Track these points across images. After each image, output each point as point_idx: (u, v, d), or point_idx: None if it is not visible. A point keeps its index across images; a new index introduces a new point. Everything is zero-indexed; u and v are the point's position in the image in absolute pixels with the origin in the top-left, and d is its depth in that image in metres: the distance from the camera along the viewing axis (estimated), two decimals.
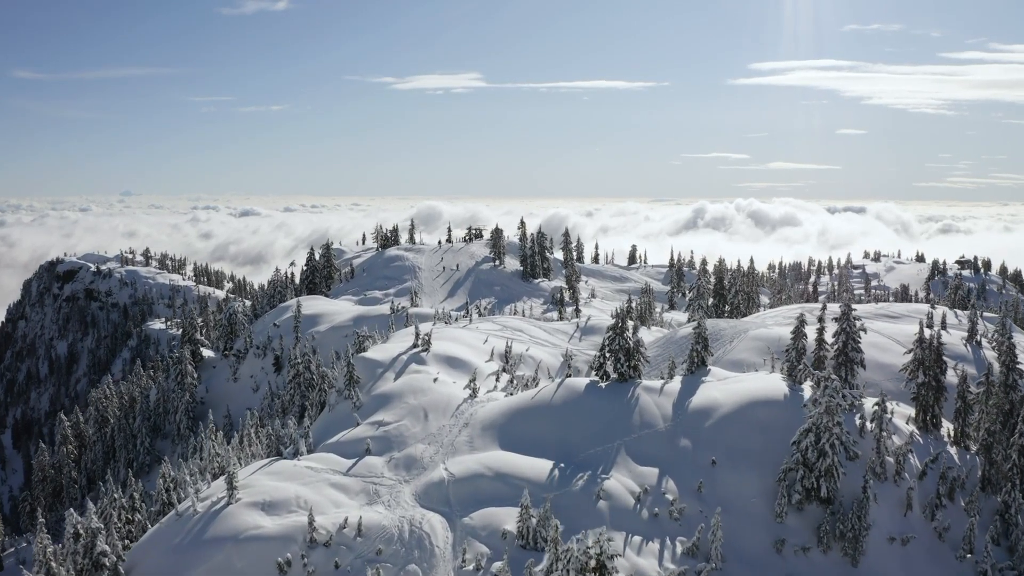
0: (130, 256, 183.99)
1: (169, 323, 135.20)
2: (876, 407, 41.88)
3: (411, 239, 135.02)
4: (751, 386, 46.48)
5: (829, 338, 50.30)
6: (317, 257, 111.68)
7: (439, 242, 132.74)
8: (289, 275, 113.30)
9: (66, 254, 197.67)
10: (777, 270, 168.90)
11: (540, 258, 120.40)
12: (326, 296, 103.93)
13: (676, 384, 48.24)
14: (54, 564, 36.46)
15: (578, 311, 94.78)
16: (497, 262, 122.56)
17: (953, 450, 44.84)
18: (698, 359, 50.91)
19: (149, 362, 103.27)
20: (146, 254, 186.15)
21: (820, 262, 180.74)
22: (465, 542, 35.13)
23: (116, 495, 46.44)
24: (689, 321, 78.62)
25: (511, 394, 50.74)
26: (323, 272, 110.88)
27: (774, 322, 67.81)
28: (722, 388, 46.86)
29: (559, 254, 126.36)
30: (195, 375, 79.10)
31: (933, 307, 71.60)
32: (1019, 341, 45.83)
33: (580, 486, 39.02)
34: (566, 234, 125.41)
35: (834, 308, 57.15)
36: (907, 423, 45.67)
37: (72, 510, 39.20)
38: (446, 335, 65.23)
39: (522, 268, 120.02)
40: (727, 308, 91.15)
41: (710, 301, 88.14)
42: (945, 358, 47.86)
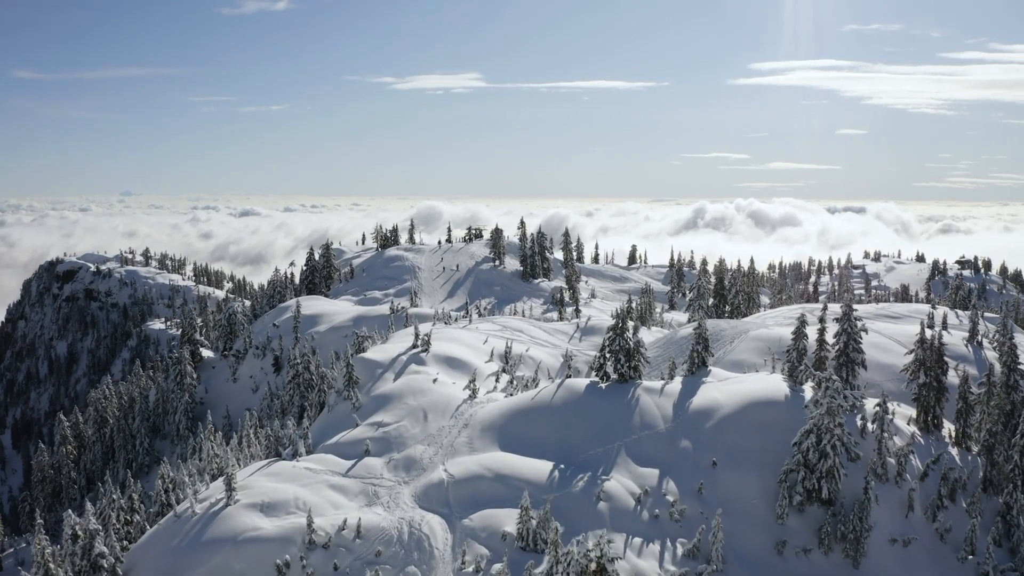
0: (130, 256, 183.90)
1: (169, 323, 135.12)
2: (877, 408, 41.78)
3: (411, 239, 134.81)
4: (752, 387, 46.36)
5: (830, 339, 50.18)
6: (317, 257, 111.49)
7: (439, 242, 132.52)
8: (289, 275, 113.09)
9: (66, 254, 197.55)
10: (777, 270, 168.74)
11: (540, 258, 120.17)
12: (326, 296, 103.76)
13: (676, 385, 48.11)
14: (52, 565, 36.31)
15: (578, 311, 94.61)
16: (497, 262, 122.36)
17: (954, 451, 44.74)
18: (698, 360, 50.79)
19: (149, 362, 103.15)
20: (146, 254, 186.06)
21: (820, 262, 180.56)
22: (465, 544, 35.02)
23: (115, 496, 46.27)
24: (689, 321, 78.48)
25: (511, 395, 50.60)
26: (323, 272, 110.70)
27: (775, 322, 67.67)
28: (723, 389, 46.74)
29: (559, 254, 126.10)
30: (194, 375, 78.96)
31: (934, 307, 71.45)
32: (1020, 341, 45.65)
33: (580, 487, 38.91)
34: (566, 234, 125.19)
35: (835, 308, 57.06)
36: (908, 424, 45.57)
37: (70, 511, 39.05)
38: (446, 335, 65.10)
39: (522, 268, 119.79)
40: (727, 308, 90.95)
41: (710, 301, 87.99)
42: (946, 359, 47.82)
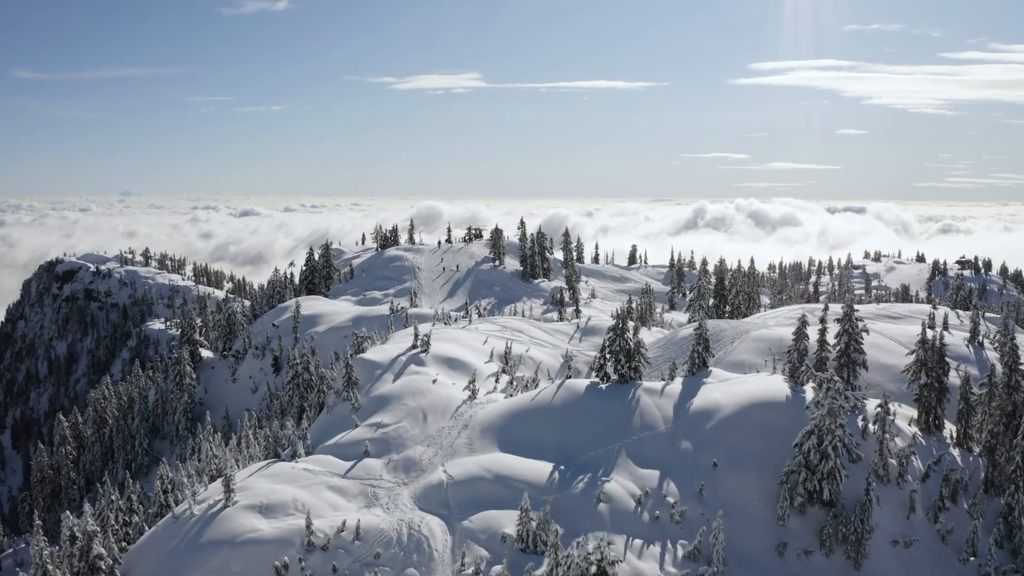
0: (130, 256, 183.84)
1: (168, 323, 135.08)
2: (879, 409, 41.62)
3: (411, 239, 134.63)
4: (753, 387, 46.19)
5: (831, 339, 50.00)
6: (316, 257, 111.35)
7: (439, 242, 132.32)
8: (288, 275, 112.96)
9: (66, 254, 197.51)
10: (777, 270, 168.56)
11: (540, 258, 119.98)
12: (325, 296, 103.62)
13: (677, 385, 47.95)
14: (50, 567, 36.16)
15: (578, 312, 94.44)
16: (497, 262, 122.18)
17: (956, 452, 44.58)
18: (699, 360, 50.63)
19: (148, 363, 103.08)
20: (146, 254, 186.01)
21: (820, 262, 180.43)
22: (464, 545, 34.87)
23: (113, 497, 46.17)
24: (690, 322, 78.32)
25: (511, 395, 50.45)
26: (322, 272, 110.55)
27: (775, 323, 67.48)
28: (723, 390, 46.57)
29: (559, 254, 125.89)
30: (194, 376, 78.85)
31: (935, 307, 71.26)
32: (1021, 342, 45.43)
33: (580, 489, 38.76)
34: (566, 234, 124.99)
35: (836, 309, 56.88)
36: (909, 425, 45.41)
37: (68, 512, 38.89)
38: (445, 336, 64.96)
39: (522, 268, 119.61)
40: (728, 308, 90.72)
41: (711, 301, 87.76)
42: (947, 359, 47.64)
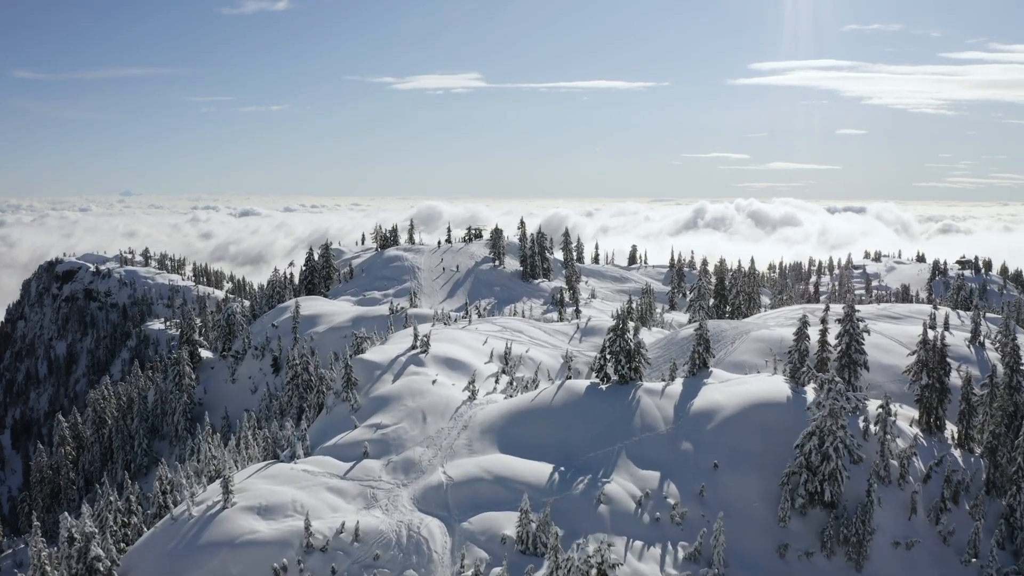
0: (129, 256, 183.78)
1: (168, 323, 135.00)
2: (880, 410, 41.41)
3: (411, 239, 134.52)
4: (753, 388, 46.02)
5: (832, 339, 49.83)
6: (316, 257, 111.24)
7: (439, 242, 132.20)
8: (288, 275, 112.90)
9: (65, 254, 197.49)
10: (777, 270, 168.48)
11: (540, 258, 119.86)
12: (325, 297, 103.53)
13: (677, 386, 47.77)
14: (48, 568, 36.09)
15: (578, 312, 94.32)
16: (497, 262, 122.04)
17: (957, 453, 44.41)
18: (699, 361, 50.47)
19: (148, 363, 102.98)
20: (145, 254, 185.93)
21: (820, 262, 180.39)
22: (464, 547, 34.70)
23: (112, 498, 46.03)
24: (690, 322, 78.16)
25: (511, 396, 50.26)
26: (322, 272, 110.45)
27: (776, 323, 67.29)
28: (724, 390, 46.40)
29: (559, 254, 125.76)
30: (193, 376, 78.72)
31: (935, 308, 71.09)
32: (1022, 342, 45.26)
33: (580, 490, 38.59)
34: (566, 234, 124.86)
35: (837, 309, 56.71)
36: (911, 425, 45.25)
37: (67, 513, 38.80)
38: (445, 336, 64.81)
39: (522, 268, 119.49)
40: (728, 309, 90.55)
41: (711, 302, 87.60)
42: (948, 360, 47.45)
